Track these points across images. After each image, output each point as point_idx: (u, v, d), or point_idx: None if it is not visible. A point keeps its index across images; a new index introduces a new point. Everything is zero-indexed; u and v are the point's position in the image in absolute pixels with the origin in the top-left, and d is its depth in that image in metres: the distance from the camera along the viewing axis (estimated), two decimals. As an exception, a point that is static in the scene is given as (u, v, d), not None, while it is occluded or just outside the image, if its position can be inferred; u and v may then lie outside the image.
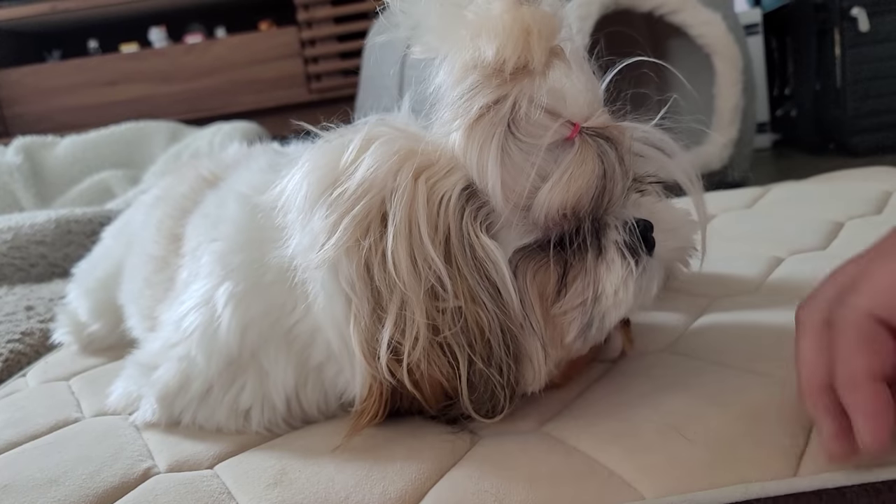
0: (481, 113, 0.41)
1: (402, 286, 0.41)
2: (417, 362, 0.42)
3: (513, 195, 0.41)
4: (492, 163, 0.40)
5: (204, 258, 0.52)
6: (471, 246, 0.41)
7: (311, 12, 2.58)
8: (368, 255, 0.41)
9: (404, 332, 0.41)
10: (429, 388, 0.43)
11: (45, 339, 0.83)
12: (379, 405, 0.44)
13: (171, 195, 0.67)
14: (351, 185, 0.42)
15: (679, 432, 0.41)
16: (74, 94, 2.59)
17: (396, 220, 0.41)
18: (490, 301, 0.41)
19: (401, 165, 0.42)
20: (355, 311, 0.42)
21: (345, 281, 0.42)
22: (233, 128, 1.84)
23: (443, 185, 0.42)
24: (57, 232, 1.24)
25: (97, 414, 0.57)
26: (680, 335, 0.57)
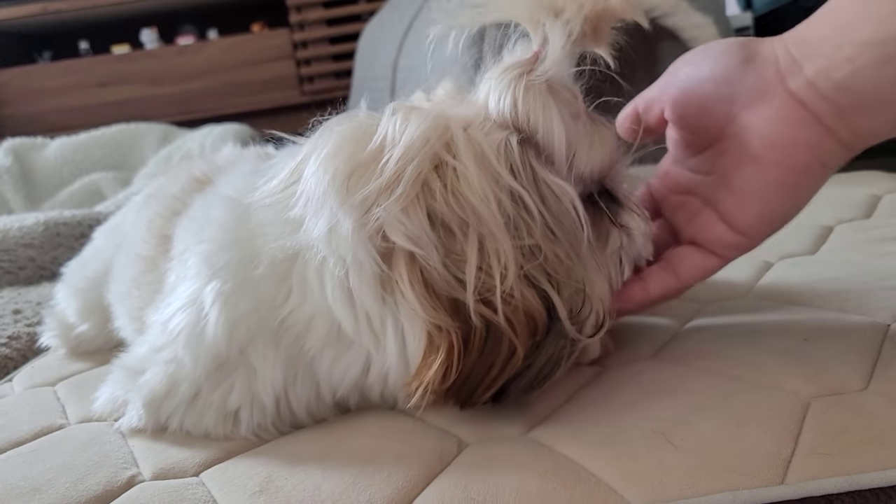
0: (523, 72, 0.44)
1: (478, 220, 0.41)
2: (511, 292, 0.41)
3: (568, 148, 0.44)
4: (556, 118, 0.43)
5: (190, 260, 0.51)
6: (544, 183, 0.43)
7: (304, 14, 2.58)
8: (434, 203, 0.41)
9: (490, 266, 0.41)
10: (522, 319, 0.41)
11: (33, 342, 0.83)
12: (449, 358, 0.42)
13: (162, 194, 0.67)
14: (394, 153, 0.42)
15: (666, 439, 0.41)
16: (65, 95, 2.58)
17: (463, 160, 0.41)
18: (565, 236, 0.42)
19: (447, 124, 0.43)
20: (422, 264, 0.41)
21: (405, 239, 0.41)
22: (224, 130, 1.84)
23: (497, 136, 0.43)
24: (45, 234, 1.23)
25: (82, 420, 0.57)
26: (668, 340, 0.57)
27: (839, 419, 0.41)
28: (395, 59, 1.61)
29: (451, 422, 0.48)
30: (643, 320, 0.62)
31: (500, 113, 0.44)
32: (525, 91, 0.43)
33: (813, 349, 0.49)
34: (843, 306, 0.58)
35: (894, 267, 0.67)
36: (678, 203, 0.50)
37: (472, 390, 0.43)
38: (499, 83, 0.44)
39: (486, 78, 0.46)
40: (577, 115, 0.45)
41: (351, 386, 0.48)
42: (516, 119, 0.43)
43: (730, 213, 0.46)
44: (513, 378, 0.43)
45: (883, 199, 0.96)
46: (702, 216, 0.47)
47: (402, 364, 0.45)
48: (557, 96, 0.44)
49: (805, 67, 0.41)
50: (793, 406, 0.43)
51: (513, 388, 0.44)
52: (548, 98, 0.43)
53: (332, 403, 0.50)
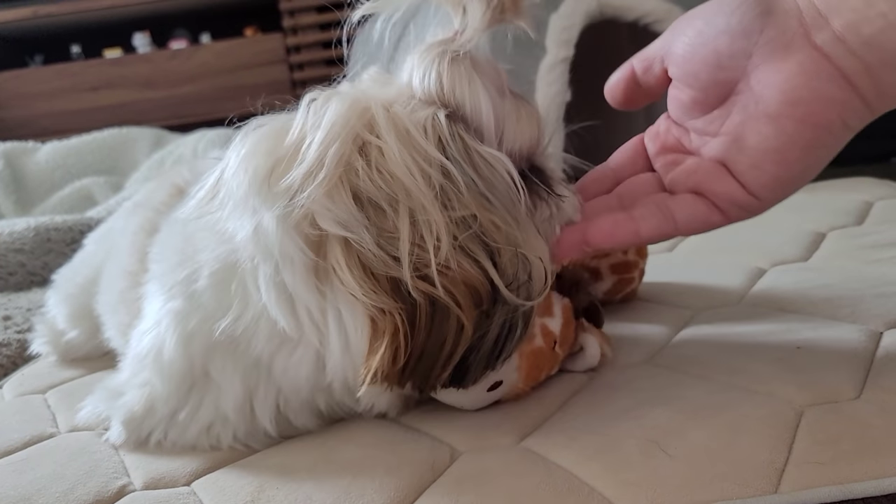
0: (446, 48, 0.43)
1: (406, 195, 0.40)
2: (446, 263, 0.40)
3: (496, 125, 0.43)
4: (482, 92, 0.43)
5: (151, 284, 0.53)
6: (477, 153, 0.42)
7: (297, 19, 2.58)
8: (359, 182, 0.40)
9: (423, 240, 0.40)
10: (464, 290, 0.40)
11: (23, 349, 0.82)
12: (395, 340, 0.41)
13: (148, 203, 0.67)
14: (315, 138, 0.41)
15: (660, 447, 0.41)
16: (57, 99, 2.57)
17: (384, 138, 0.41)
18: (501, 203, 0.42)
19: (366, 105, 0.42)
20: (355, 247, 0.40)
21: (333, 223, 0.40)
22: (217, 135, 1.83)
23: (423, 113, 0.42)
24: (36, 240, 1.23)
25: (73, 429, 0.56)
26: (662, 347, 0.57)
27: (832, 428, 0.41)
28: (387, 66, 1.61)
29: (444, 431, 0.47)
30: (637, 327, 0.62)
31: (426, 90, 0.43)
32: (449, 66, 0.43)
33: (806, 357, 0.50)
34: (835, 314, 0.58)
35: (885, 274, 0.67)
36: (674, 161, 0.48)
37: (428, 370, 0.42)
38: (422, 61, 0.44)
39: (408, 58, 0.45)
40: (501, 90, 0.45)
41: (311, 386, 0.48)
42: (442, 95, 0.43)
43: (743, 175, 0.43)
44: (469, 351, 0.42)
45: (875, 206, 0.97)
46: (708, 170, 0.45)
47: (349, 354, 0.44)
48: (481, 71, 0.43)
49: (832, 21, 0.39)
50: (786, 415, 0.43)
51: (472, 362, 0.42)
52: (472, 72, 0.43)
53: (302, 408, 0.50)
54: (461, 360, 0.42)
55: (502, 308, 0.41)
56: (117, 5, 2.56)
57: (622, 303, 0.68)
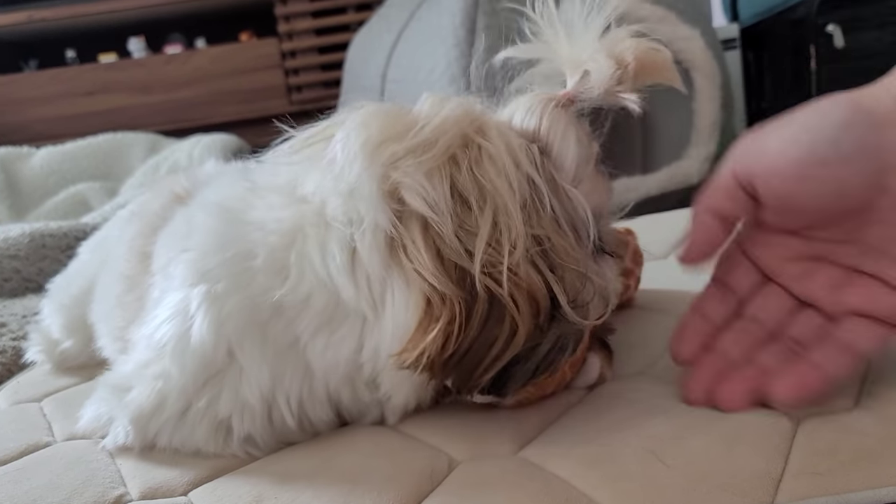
0: (554, 101, 0.46)
1: (496, 197, 0.43)
2: (517, 267, 0.42)
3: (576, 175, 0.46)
4: (573, 141, 0.46)
5: (176, 270, 0.51)
6: (560, 186, 0.45)
7: (292, 24, 2.59)
8: (458, 174, 0.43)
9: (499, 243, 0.42)
10: (526, 298, 0.42)
11: (18, 357, 0.82)
12: (450, 326, 0.42)
13: (144, 211, 0.67)
14: (429, 124, 0.44)
15: (658, 458, 0.41)
16: (51, 104, 2.56)
17: (492, 141, 0.44)
18: (573, 235, 0.44)
19: (478, 113, 0.46)
20: (435, 230, 0.42)
21: (423, 204, 0.42)
22: (212, 140, 1.83)
23: (521, 140, 0.45)
24: (31, 246, 1.22)
25: (69, 438, 0.56)
26: (659, 357, 0.57)
27: (829, 438, 0.41)
28: (384, 70, 1.61)
29: (442, 439, 0.47)
30: (633, 335, 0.62)
31: (523, 126, 0.46)
32: (553, 112, 0.46)
33: (802, 366, 0.50)
34: (830, 322, 0.58)
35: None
36: (804, 271, 0.46)
37: (472, 368, 0.43)
38: (528, 103, 0.47)
39: (513, 101, 0.48)
40: (588, 154, 0.47)
41: (344, 373, 0.47)
42: (537, 133, 0.46)
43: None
44: (515, 360, 0.43)
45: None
46: (858, 286, 0.43)
47: (396, 333, 0.44)
48: (577, 129, 0.46)
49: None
50: (783, 424, 0.43)
51: (516, 371, 0.44)
52: (570, 123, 0.46)
53: (325, 399, 0.49)
54: (505, 368, 0.43)
55: (558, 324, 0.43)
56: (112, 10, 2.56)
57: (619, 310, 0.68)
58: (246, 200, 0.50)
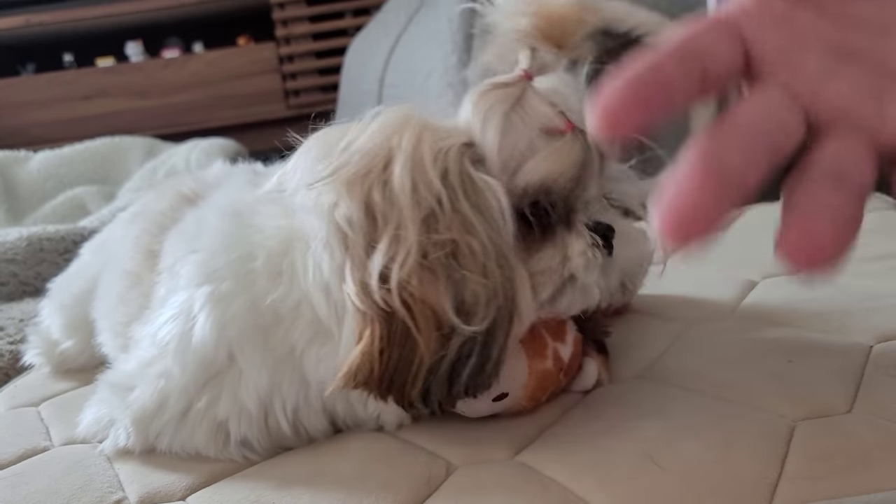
0: (495, 87, 0.45)
1: (398, 211, 0.42)
2: (408, 280, 0.41)
3: (507, 158, 0.45)
4: (493, 125, 0.45)
5: (183, 270, 0.51)
6: (469, 179, 0.44)
7: (290, 28, 2.59)
8: (370, 187, 0.43)
9: (395, 255, 0.42)
10: (420, 308, 0.42)
11: (16, 361, 0.82)
12: (370, 348, 0.42)
13: (149, 211, 0.67)
14: (356, 142, 0.45)
15: (654, 462, 0.41)
16: (49, 108, 2.57)
17: (401, 155, 0.43)
18: (485, 229, 0.43)
19: (406, 123, 0.45)
20: (352, 247, 0.43)
21: (343, 218, 0.43)
22: (210, 144, 1.83)
23: (446, 141, 0.45)
24: (28, 250, 1.22)
25: (67, 442, 0.56)
26: (655, 360, 0.57)
27: (824, 442, 0.41)
28: (382, 75, 1.62)
29: (439, 445, 0.48)
30: (629, 339, 0.62)
31: (462, 119, 0.46)
32: (476, 98, 0.46)
33: (798, 371, 0.50)
34: (825, 327, 0.59)
35: (874, 287, 0.68)
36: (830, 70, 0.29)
37: (402, 386, 0.43)
38: (469, 95, 0.47)
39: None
40: (543, 126, 0.45)
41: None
42: (468, 123, 0.46)
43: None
44: (428, 373, 0.43)
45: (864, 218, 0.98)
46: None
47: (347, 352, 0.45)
48: (522, 105, 0.45)
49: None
50: (779, 429, 0.43)
51: (431, 383, 0.43)
52: (495, 105, 0.45)
53: (320, 409, 0.50)
54: (424, 381, 0.43)
55: (458, 334, 0.42)
56: (110, 14, 2.56)
57: (616, 315, 0.68)
58: (252, 205, 0.51)
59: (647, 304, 0.71)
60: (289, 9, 2.57)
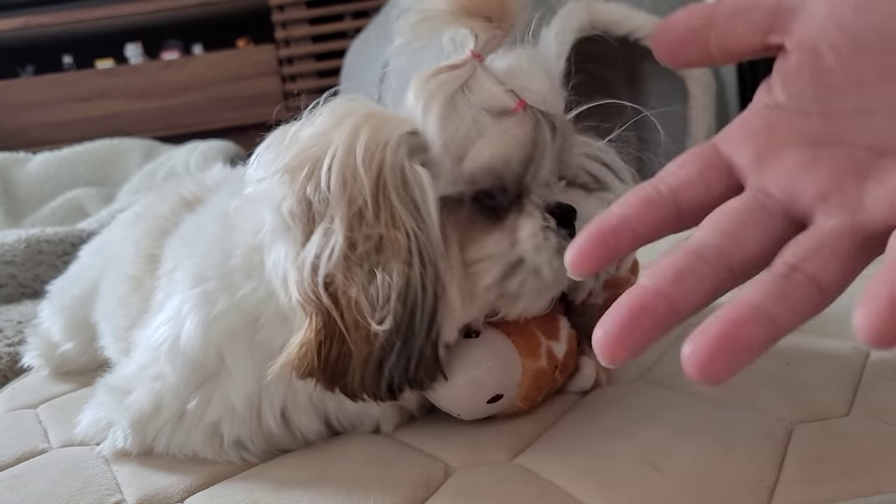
0: (439, 71, 0.44)
1: (329, 207, 0.43)
2: (334, 274, 0.42)
3: (450, 143, 0.44)
4: (434, 110, 0.43)
5: (179, 275, 0.52)
6: (401, 171, 0.43)
7: (289, 31, 2.59)
8: (306, 180, 0.44)
9: (323, 249, 0.42)
10: (347, 308, 0.42)
11: (14, 363, 0.82)
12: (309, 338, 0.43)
13: (150, 213, 0.67)
14: (301, 134, 0.45)
15: (652, 466, 0.41)
16: (48, 109, 2.56)
17: (336, 148, 0.43)
18: (412, 223, 0.42)
19: (348, 114, 0.45)
20: (293, 240, 0.44)
21: (286, 211, 0.44)
22: (209, 146, 1.83)
23: (387, 131, 0.44)
24: (27, 252, 1.22)
25: (65, 444, 0.56)
26: (653, 363, 0.57)
27: (822, 446, 0.41)
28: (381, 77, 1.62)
29: (438, 447, 0.48)
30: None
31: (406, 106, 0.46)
32: (418, 83, 0.45)
33: (796, 374, 0.50)
34: (823, 330, 0.59)
35: (874, 290, 0.68)
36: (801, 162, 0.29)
37: (342, 377, 0.44)
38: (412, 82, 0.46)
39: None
40: (491, 107, 0.44)
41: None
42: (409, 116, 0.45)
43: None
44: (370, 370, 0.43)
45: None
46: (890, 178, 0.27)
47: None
48: (469, 88, 0.44)
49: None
50: (776, 432, 0.43)
51: (381, 381, 0.43)
52: (436, 90, 0.44)
53: (309, 408, 0.49)
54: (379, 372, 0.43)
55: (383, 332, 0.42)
56: (109, 16, 2.56)
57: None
58: (241, 207, 0.51)
59: (645, 306, 0.71)
60: (288, 11, 2.57)
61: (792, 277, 0.27)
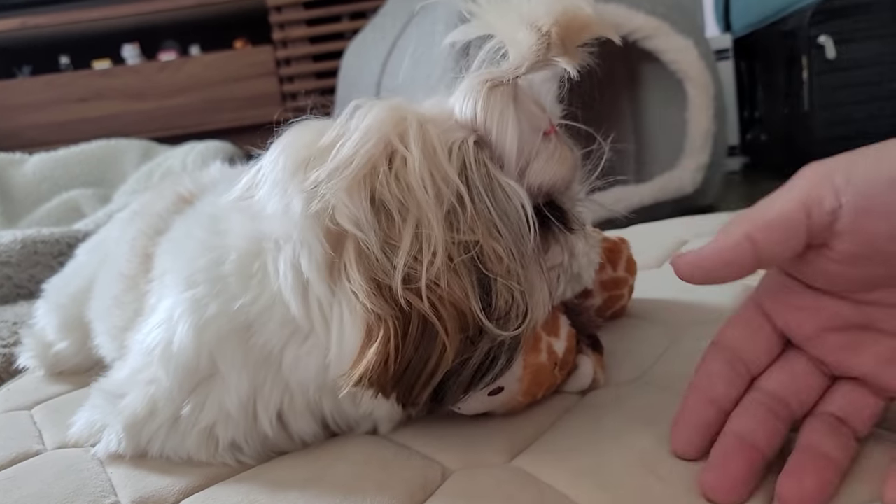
0: (495, 84, 0.44)
1: (417, 207, 0.41)
2: (436, 280, 0.41)
3: (520, 158, 0.45)
4: (511, 125, 0.44)
5: (169, 279, 0.51)
6: (491, 179, 0.43)
7: (287, 32, 2.59)
8: (378, 186, 0.42)
9: (420, 253, 0.41)
10: (448, 311, 0.41)
11: (9, 364, 0.81)
12: (385, 348, 0.41)
13: (147, 211, 0.67)
14: (350, 138, 0.43)
15: (651, 470, 0.41)
16: (45, 110, 2.56)
17: (411, 148, 0.42)
18: (509, 234, 0.43)
19: (403, 115, 0.44)
20: (363, 249, 0.41)
21: (348, 220, 0.41)
22: (206, 147, 1.83)
23: (456, 135, 0.44)
24: (23, 252, 1.22)
25: (60, 446, 0.56)
26: (651, 365, 0.57)
27: (821, 448, 0.41)
28: (379, 79, 1.62)
29: (435, 449, 0.47)
30: (627, 344, 0.62)
31: (464, 114, 0.45)
32: (487, 93, 0.45)
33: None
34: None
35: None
36: (848, 342, 0.38)
37: (411, 386, 0.42)
38: (468, 87, 0.45)
39: (460, 85, 0.47)
40: (538, 127, 0.46)
41: (319, 383, 0.47)
42: (475, 120, 0.45)
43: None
44: (448, 375, 0.42)
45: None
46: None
47: (347, 353, 0.44)
48: (520, 105, 0.45)
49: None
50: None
51: (450, 385, 0.43)
52: (508, 103, 0.44)
53: (306, 411, 0.49)
54: (440, 382, 0.42)
55: (487, 337, 0.42)
56: (106, 17, 2.56)
57: (612, 319, 0.68)
58: (226, 210, 0.50)
59: (644, 308, 0.71)
60: (286, 12, 2.57)
61: (842, 430, 0.38)
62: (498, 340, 0.42)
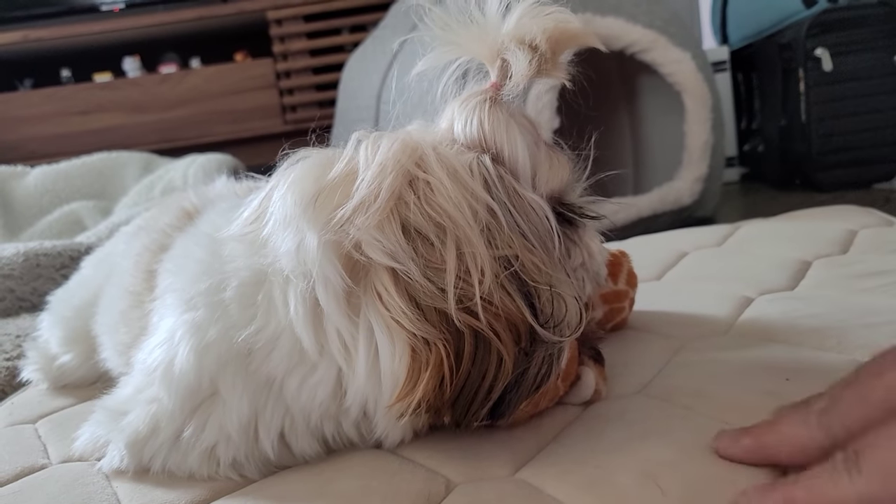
0: (494, 101, 0.46)
1: (455, 227, 0.42)
2: (489, 297, 0.41)
3: (529, 170, 0.46)
4: (519, 137, 0.45)
5: (169, 299, 0.52)
6: (516, 194, 0.44)
7: (287, 44, 2.60)
8: (410, 215, 0.42)
9: (468, 273, 0.41)
10: (505, 326, 0.42)
11: (13, 377, 0.82)
12: (439, 371, 0.41)
13: (152, 227, 0.67)
14: (368, 173, 0.43)
15: (654, 483, 0.41)
16: (46, 123, 2.57)
17: (435, 173, 0.43)
18: (539, 245, 0.44)
19: (416, 145, 0.44)
20: (402, 277, 0.42)
21: (382, 254, 0.42)
22: (207, 159, 1.83)
23: (467, 156, 0.45)
24: (25, 265, 1.22)
25: (65, 460, 0.56)
26: (653, 378, 0.57)
27: (822, 460, 0.41)
28: (379, 91, 1.62)
29: (439, 462, 0.48)
30: (628, 356, 0.62)
31: (468, 135, 0.46)
32: (489, 112, 0.46)
33: (795, 390, 0.50)
34: (822, 344, 0.59)
35: (871, 303, 0.69)
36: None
37: (469, 404, 0.43)
38: (463, 109, 0.46)
39: (448, 107, 0.48)
40: (536, 140, 0.47)
41: (323, 412, 0.48)
42: (483, 140, 0.45)
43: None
44: (508, 387, 0.43)
45: (859, 235, 0.98)
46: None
47: (376, 383, 0.44)
48: (516, 119, 0.46)
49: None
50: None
51: (511, 398, 0.43)
52: (510, 119, 0.46)
53: (307, 434, 0.49)
54: (500, 395, 0.43)
55: (541, 346, 0.43)
56: (107, 30, 2.57)
57: (613, 332, 0.69)
58: (232, 240, 0.50)
59: (645, 320, 0.71)
60: (286, 25, 2.58)
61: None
62: (551, 346, 0.43)
